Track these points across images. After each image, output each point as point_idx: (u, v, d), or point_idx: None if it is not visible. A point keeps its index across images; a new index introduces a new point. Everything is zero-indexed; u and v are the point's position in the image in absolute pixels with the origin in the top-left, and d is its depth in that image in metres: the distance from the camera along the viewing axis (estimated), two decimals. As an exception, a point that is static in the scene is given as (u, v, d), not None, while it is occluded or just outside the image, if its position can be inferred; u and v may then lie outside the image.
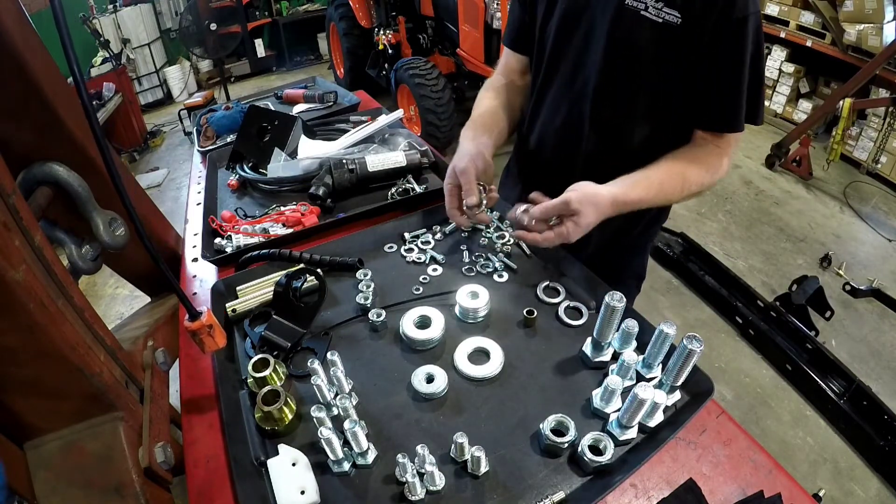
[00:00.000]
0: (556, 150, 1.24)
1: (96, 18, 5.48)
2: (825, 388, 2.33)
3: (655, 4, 0.97)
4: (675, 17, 0.95)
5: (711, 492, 0.69)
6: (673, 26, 0.96)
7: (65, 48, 0.53)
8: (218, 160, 1.62)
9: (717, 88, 1.01)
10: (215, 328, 0.81)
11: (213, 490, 0.73)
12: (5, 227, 0.63)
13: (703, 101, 1.04)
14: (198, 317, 0.79)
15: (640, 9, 0.98)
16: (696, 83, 1.02)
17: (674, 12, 0.95)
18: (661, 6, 0.96)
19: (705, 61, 0.98)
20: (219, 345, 0.83)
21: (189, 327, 0.79)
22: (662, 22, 0.96)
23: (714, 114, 1.04)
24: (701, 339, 0.71)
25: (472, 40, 4.16)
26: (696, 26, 0.95)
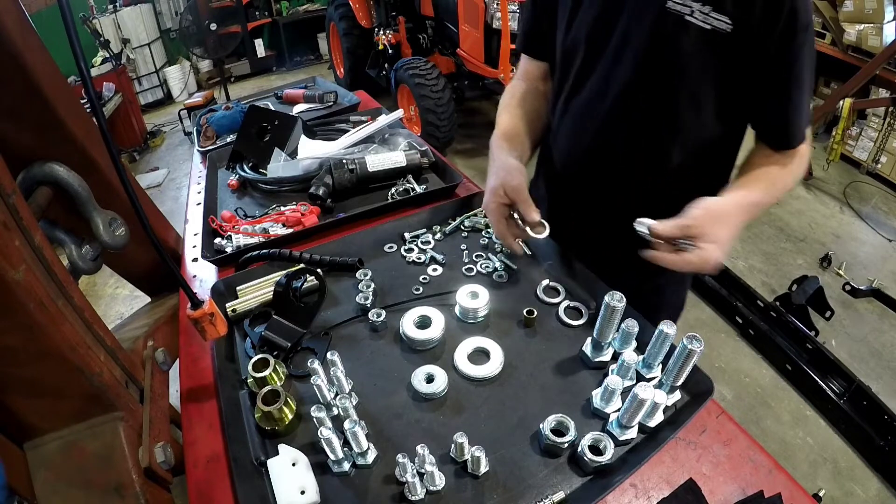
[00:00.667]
0: (587, 170, 1.13)
1: (96, 18, 5.48)
2: (825, 388, 2.33)
3: (702, 9, 0.86)
4: (725, 23, 0.85)
5: (711, 492, 0.69)
6: (722, 34, 0.86)
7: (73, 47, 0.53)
8: (218, 160, 1.62)
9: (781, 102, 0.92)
10: (216, 316, 0.83)
11: (213, 490, 0.73)
12: (5, 227, 0.63)
13: (765, 116, 0.96)
14: (200, 305, 0.80)
15: (684, 13, 0.87)
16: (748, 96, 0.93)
17: (724, 18, 0.85)
18: (709, 10, 0.85)
19: (765, 73, 0.89)
20: (220, 332, 0.84)
21: (191, 315, 0.80)
22: (711, 29, 0.86)
23: (781, 131, 0.96)
24: (701, 339, 0.71)
25: (472, 40, 4.16)
26: (750, 34, 0.85)
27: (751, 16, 0.84)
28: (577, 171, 1.16)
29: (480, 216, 1.24)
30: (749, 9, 0.84)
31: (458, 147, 4.85)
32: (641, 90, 0.97)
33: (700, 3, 0.86)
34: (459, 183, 1.37)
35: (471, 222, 1.22)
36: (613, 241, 1.04)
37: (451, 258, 1.12)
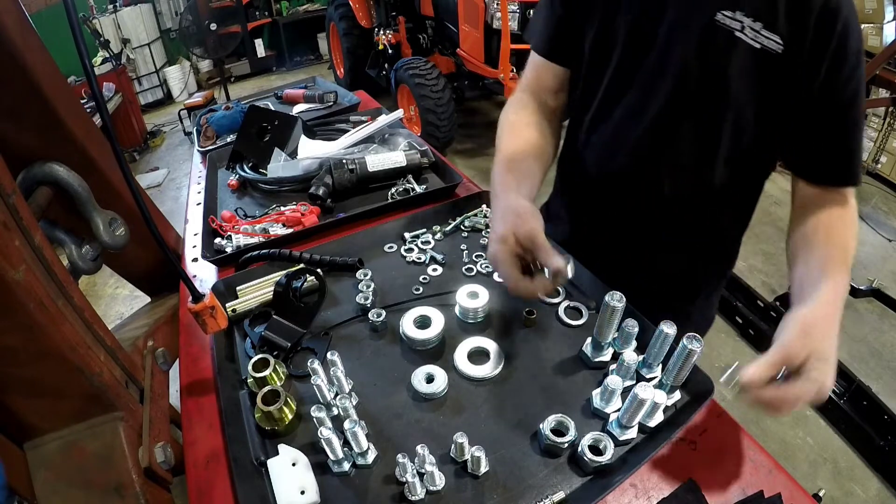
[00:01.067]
0: (619, 189, 1.05)
1: (96, 18, 5.49)
2: (825, 389, 2.33)
3: (753, 25, 0.80)
4: (776, 43, 0.80)
5: (711, 492, 0.69)
6: (772, 55, 0.80)
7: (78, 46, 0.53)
8: (218, 160, 1.62)
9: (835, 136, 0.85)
10: (217, 309, 0.83)
11: (213, 490, 0.73)
12: (5, 227, 0.63)
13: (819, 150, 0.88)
14: (201, 298, 0.80)
15: (734, 29, 0.81)
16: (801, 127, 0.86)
17: (774, 37, 0.80)
18: (760, 28, 0.80)
19: (817, 101, 0.82)
20: (220, 326, 0.85)
21: (192, 308, 0.80)
22: (760, 48, 0.81)
23: (834, 166, 0.88)
24: (701, 339, 0.71)
25: (472, 40, 4.16)
26: (802, 56, 0.80)
27: (802, 36, 0.78)
28: (607, 189, 1.07)
29: (480, 216, 1.24)
30: (801, 28, 0.78)
31: (458, 147, 4.86)
32: (683, 106, 0.90)
33: (751, 19, 0.80)
34: (459, 183, 1.37)
35: (471, 222, 1.22)
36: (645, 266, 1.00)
37: (451, 258, 1.12)
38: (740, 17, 0.81)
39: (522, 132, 1.03)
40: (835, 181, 0.89)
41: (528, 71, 1.11)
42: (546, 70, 1.07)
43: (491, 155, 4.96)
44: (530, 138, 1.02)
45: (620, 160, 1.02)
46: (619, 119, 0.99)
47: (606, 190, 1.08)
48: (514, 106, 1.09)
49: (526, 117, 1.06)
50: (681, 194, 0.99)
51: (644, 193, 1.02)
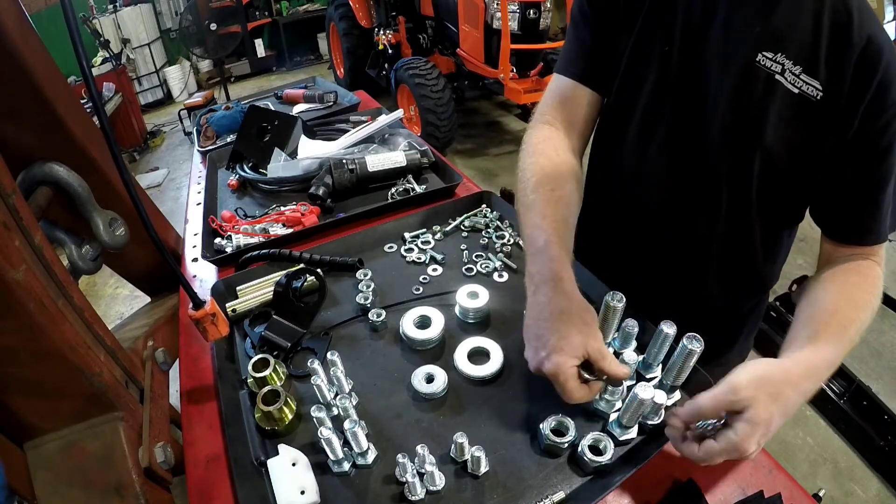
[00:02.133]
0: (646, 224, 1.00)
1: (96, 18, 5.50)
2: (825, 388, 2.33)
3: (793, 69, 0.76)
4: (815, 89, 0.76)
5: (711, 492, 0.69)
6: (811, 101, 0.77)
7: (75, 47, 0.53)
8: (218, 160, 1.62)
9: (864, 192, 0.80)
10: (218, 316, 0.83)
11: (213, 490, 0.73)
12: (5, 227, 0.63)
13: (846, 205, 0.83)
14: (202, 305, 0.80)
15: (775, 71, 0.77)
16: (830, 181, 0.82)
17: (814, 83, 0.76)
18: (800, 72, 0.76)
19: (848, 153, 0.78)
20: (222, 333, 0.84)
21: (193, 316, 0.80)
22: (798, 93, 0.77)
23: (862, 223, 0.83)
24: (701, 339, 0.71)
25: (472, 40, 4.16)
26: (839, 104, 0.76)
27: (842, 83, 0.75)
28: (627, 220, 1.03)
29: (480, 216, 1.24)
30: (840, 73, 0.75)
31: (458, 147, 4.86)
32: (715, 146, 0.86)
33: (792, 62, 0.76)
34: (459, 183, 1.37)
35: (471, 222, 1.22)
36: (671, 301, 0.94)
37: (451, 258, 1.12)
38: (781, 59, 0.77)
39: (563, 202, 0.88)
40: (858, 239, 0.85)
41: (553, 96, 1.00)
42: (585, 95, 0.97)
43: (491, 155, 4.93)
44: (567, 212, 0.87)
45: (651, 196, 0.97)
46: (652, 156, 0.94)
47: (628, 223, 1.04)
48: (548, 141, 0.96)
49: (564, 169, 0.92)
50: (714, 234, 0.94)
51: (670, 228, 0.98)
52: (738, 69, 0.79)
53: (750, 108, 0.80)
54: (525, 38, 3.90)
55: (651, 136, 0.93)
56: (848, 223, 0.85)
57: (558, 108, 0.99)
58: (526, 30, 3.88)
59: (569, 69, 0.98)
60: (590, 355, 0.71)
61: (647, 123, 0.92)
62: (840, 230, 0.86)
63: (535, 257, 0.81)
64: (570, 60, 0.98)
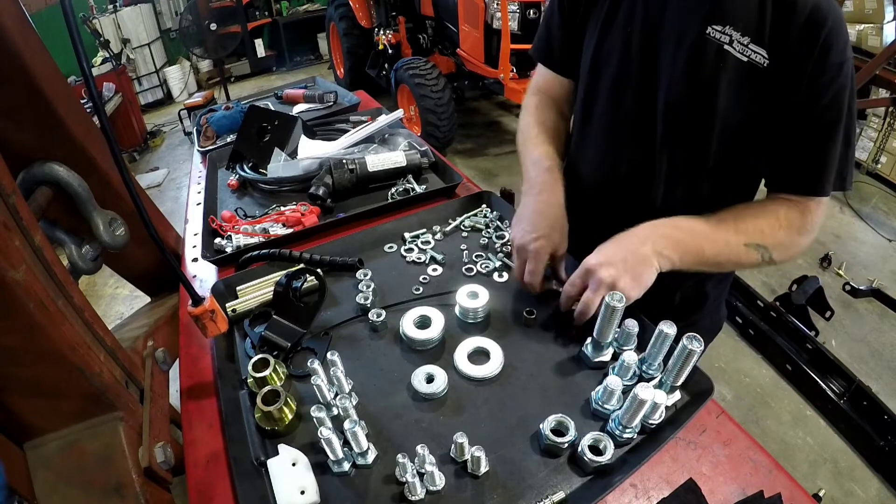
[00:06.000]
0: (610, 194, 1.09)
1: (96, 18, 5.49)
2: (825, 388, 2.33)
3: (741, 39, 0.83)
4: (762, 57, 0.82)
5: (711, 492, 0.69)
6: (758, 68, 0.83)
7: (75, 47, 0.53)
8: (218, 160, 1.62)
9: (803, 146, 0.87)
10: (217, 313, 0.83)
11: (213, 490, 0.73)
12: (5, 227, 0.63)
13: (785, 159, 0.89)
14: (201, 302, 0.80)
15: (723, 42, 0.84)
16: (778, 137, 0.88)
17: (761, 51, 0.82)
18: (748, 42, 0.83)
19: (793, 112, 0.85)
20: (220, 329, 0.85)
21: (192, 312, 0.80)
22: (747, 61, 0.83)
23: (797, 175, 0.89)
24: (701, 340, 0.71)
25: (472, 40, 4.16)
26: (785, 69, 0.82)
27: (786, 49, 0.81)
28: (601, 198, 1.10)
29: (480, 216, 1.24)
30: (785, 41, 0.81)
31: (458, 147, 4.86)
32: (673, 118, 0.93)
33: (740, 34, 0.83)
34: (459, 183, 1.37)
35: (471, 222, 1.22)
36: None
37: (451, 258, 1.12)
38: (729, 31, 0.84)
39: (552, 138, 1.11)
40: (799, 190, 0.90)
41: (538, 77, 1.20)
42: (554, 80, 1.16)
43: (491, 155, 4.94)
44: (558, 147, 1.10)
45: (613, 169, 1.05)
46: (613, 129, 1.03)
47: (600, 198, 1.11)
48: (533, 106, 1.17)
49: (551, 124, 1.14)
50: (672, 205, 1.00)
51: (636, 203, 1.04)
52: (690, 42, 0.87)
53: (703, 78, 0.87)
54: (525, 38, 3.90)
55: (615, 112, 1.01)
56: (791, 174, 0.90)
57: (545, 90, 1.19)
58: (526, 30, 3.87)
59: (543, 56, 1.17)
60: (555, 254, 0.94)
61: (612, 101, 1.01)
62: (782, 180, 0.92)
63: (533, 165, 1.05)
64: (546, 49, 1.15)
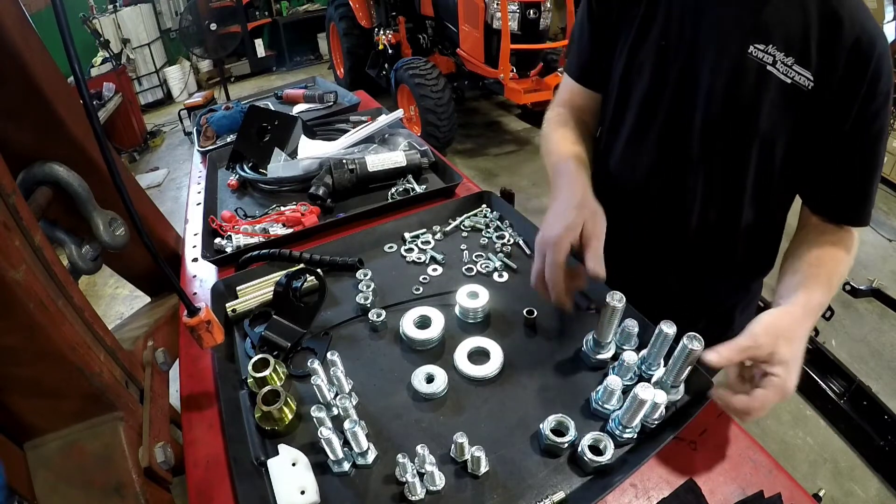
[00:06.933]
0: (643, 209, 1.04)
1: (96, 18, 5.49)
2: (825, 388, 2.33)
3: (785, 60, 0.79)
4: (806, 79, 0.79)
5: (711, 492, 0.69)
6: (803, 90, 0.80)
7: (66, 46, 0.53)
8: (218, 160, 1.62)
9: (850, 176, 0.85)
10: (213, 324, 0.82)
11: (213, 490, 0.73)
12: (5, 227, 0.63)
13: (831, 188, 0.87)
14: (196, 313, 0.80)
15: (766, 62, 0.80)
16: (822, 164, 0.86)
17: (806, 73, 0.79)
18: (792, 63, 0.79)
19: (840, 140, 0.82)
20: (217, 340, 0.84)
21: (188, 323, 0.80)
22: (791, 83, 0.80)
23: (843, 206, 0.88)
24: (701, 339, 0.71)
25: (472, 40, 4.16)
26: (832, 94, 0.79)
27: (833, 73, 0.78)
28: (628, 211, 1.05)
29: (480, 216, 1.24)
30: (832, 65, 0.78)
31: (458, 147, 4.86)
32: (711, 138, 0.90)
33: (783, 54, 0.80)
34: (459, 183, 1.37)
35: (471, 222, 1.22)
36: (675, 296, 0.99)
37: (451, 258, 1.12)
38: (772, 51, 0.80)
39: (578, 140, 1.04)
40: (846, 221, 0.89)
41: (563, 92, 1.15)
42: (582, 94, 1.10)
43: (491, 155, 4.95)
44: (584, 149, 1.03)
45: (644, 185, 1.02)
46: (644, 144, 0.98)
47: (628, 215, 1.05)
48: (558, 118, 1.11)
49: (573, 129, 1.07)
50: (706, 226, 0.98)
51: (668, 223, 1.02)
52: (730, 61, 0.83)
53: (743, 99, 0.84)
54: (525, 38, 3.90)
55: (647, 128, 0.97)
56: (837, 205, 0.89)
57: (567, 103, 1.13)
58: (526, 30, 3.88)
59: (574, 72, 1.09)
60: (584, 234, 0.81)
61: (643, 116, 0.97)
62: (829, 210, 0.90)
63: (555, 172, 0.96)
64: (577, 63, 1.08)
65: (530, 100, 3.98)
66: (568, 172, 0.93)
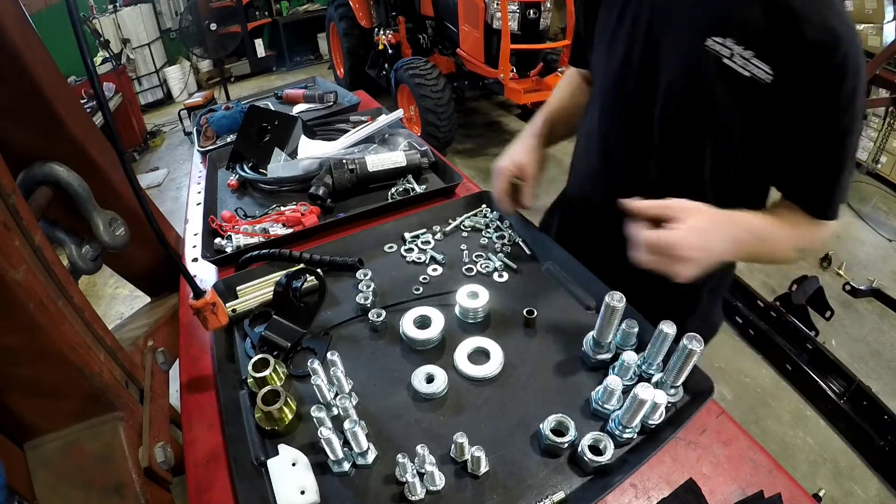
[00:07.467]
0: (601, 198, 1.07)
1: (96, 18, 5.49)
2: (825, 388, 2.33)
3: (743, 53, 0.79)
4: (765, 73, 0.78)
5: (711, 492, 0.69)
6: (761, 84, 0.79)
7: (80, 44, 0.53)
8: (218, 160, 1.62)
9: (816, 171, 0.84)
10: (218, 306, 0.84)
11: (213, 490, 0.73)
12: (5, 227, 0.63)
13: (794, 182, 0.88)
14: (202, 295, 0.81)
15: (723, 55, 0.80)
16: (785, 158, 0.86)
17: (764, 67, 0.78)
18: (751, 56, 0.78)
19: (803, 135, 0.81)
20: (221, 322, 0.85)
21: (193, 305, 0.81)
22: (749, 76, 0.79)
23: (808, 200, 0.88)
24: (701, 339, 0.71)
25: (472, 40, 4.16)
26: (792, 89, 0.78)
27: (794, 67, 0.76)
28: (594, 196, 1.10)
29: (480, 216, 1.24)
30: (793, 58, 0.76)
31: (458, 147, 4.85)
32: (669, 128, 0.92)
33: (742, 47, 0.79)
34: (459, 183, 1.37)
35: (471, 222, 1.22)
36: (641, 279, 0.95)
37: (451, 258, 1.12)
38: (730, 44, 0.80)
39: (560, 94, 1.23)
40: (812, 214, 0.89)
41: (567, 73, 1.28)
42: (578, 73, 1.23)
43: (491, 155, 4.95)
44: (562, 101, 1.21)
45: (613, 174, 1.06)
46: (613, 135, 1.04)
47: (595, 199, 1.11)
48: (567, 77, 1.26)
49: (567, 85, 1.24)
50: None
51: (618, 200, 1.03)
52: (688, 53, 0.85)
53: (701, 90, 0.85)
54: (525, 38, 3.90)
55: (612, 114, 1.03)
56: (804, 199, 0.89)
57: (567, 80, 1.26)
58: (526, 30, 3.87)
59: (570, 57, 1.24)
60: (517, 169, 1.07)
61: (609, 103, 1.03)
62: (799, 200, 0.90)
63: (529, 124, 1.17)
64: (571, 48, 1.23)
65: (530, 100, 3.97)
66: (533, 123, 1.16)
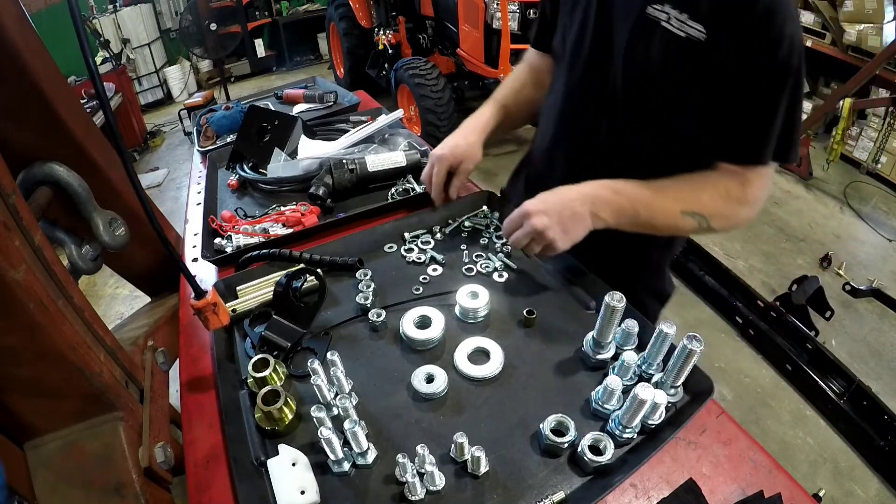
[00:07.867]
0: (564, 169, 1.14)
1: (96, 18, 5.49)
2: (825, 388, 2.33)
3: (679, 16, 0.86)
4: (699, 32, 0.85)
5: (711, 492, 0.69)
6: (696, 42, 0.85)
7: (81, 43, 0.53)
8: (218, 160, 1.62)
9: (743, 115, 0.89)
10: (219, 306, 0.84)
11: (213, 490, 0.73)
12: (5, 227, 0.63)
13: (725, 128, 0.92)
14: (203, 294, 0.80)
15: (661, 19, 0.88)
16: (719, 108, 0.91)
17: (698, 26, 0.85)
18: (686, 18, 0.86)
19: (732, 83, 0.87)
20: (222, 322, 0.85)
21: (195, 305, 0.81)
22: (685, 37, 0.86)
23: (736, 144, 0.92)
24: (701, 339, 0.71)
25: (472, 40, 4.16)
26: (722, 43, 0.84)
27: (724, 24, 0.83)
28: (553, 170, 1.17)
29: (480, 216, 1.24)
30: (723, 16, 0.83)
31: (458, 147, 4.84)
32: (619, 92, 0.99)
33: (678, 11, 0.86)
34: (459, 183, 1.37)
35: (471, 222, 1.22)
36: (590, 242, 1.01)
37: (451, 258, 1.12)
38: (668, 9, 0.88)
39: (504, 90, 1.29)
40: (742, 159, 0.93)
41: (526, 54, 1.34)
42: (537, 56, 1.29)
43: (491, 155, 4.93)
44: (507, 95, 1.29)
45: (564, 136, 1.15)
46: (567, 103, 1.12)
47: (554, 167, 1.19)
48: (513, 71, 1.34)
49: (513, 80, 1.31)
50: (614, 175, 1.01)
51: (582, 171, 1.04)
52: (633, 20, 0.92)
53: (645, 53, 0.92)
54: (525, 38, 3.90)
55: (570, 81, 1.09)
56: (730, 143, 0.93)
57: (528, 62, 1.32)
58: (526, 30, 3.87)
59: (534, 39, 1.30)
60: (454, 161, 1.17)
61: (568, 71, 1.09)
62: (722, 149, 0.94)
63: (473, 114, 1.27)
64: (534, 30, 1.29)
65: (530, 100, 3.97)
66: (478, 114, 1.25)
